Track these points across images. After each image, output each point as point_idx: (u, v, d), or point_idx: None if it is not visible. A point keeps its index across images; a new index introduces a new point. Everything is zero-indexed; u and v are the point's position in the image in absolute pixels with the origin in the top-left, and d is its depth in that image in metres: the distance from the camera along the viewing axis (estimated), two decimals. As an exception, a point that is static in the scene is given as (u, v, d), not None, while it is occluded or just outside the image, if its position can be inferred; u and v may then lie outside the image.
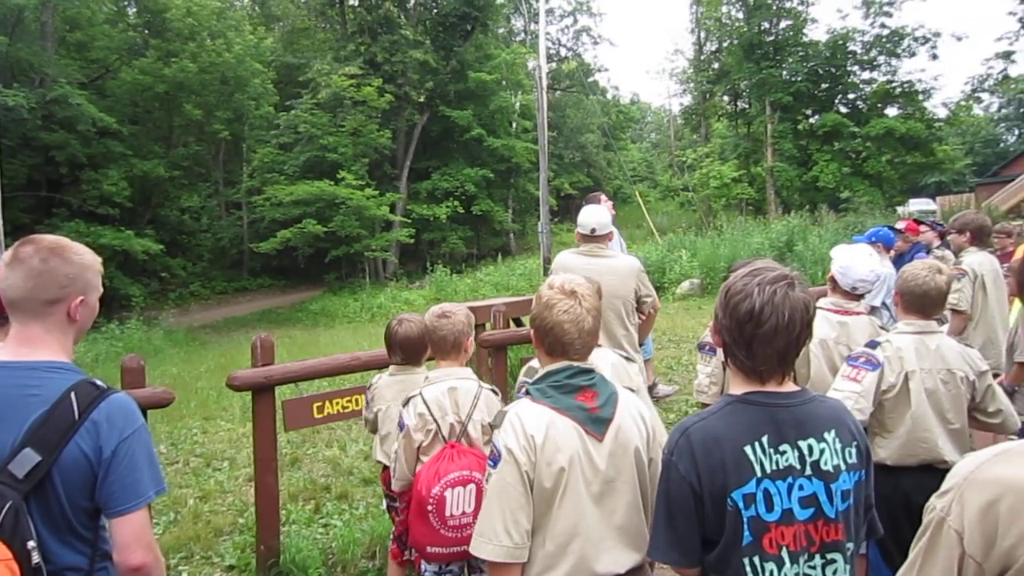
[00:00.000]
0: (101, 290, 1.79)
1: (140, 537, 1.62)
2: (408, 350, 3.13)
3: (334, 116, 28.04)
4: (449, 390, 2.64)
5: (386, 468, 3.17)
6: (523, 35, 41.30)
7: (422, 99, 31.38)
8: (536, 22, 27.16)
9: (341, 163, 27.22)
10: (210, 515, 4.87)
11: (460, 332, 2.72)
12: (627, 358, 2.79)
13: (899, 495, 2.60)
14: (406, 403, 2.70)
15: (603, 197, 6.62)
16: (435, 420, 2.61)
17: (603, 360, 2.61)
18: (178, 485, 5.53)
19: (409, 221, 29.32)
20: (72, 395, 1.60)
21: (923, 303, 2.77)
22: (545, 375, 1.87)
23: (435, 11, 33.29)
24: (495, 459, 1.79)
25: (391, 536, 3.28)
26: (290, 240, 26.27)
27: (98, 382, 1.67)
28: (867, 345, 2.86)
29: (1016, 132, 57.65)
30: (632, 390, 2.17)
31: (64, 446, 1.56)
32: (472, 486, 2.47)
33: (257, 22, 33.09)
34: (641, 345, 4.47)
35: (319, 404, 4.01)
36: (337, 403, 4.05)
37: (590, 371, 1.86)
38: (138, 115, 26.51)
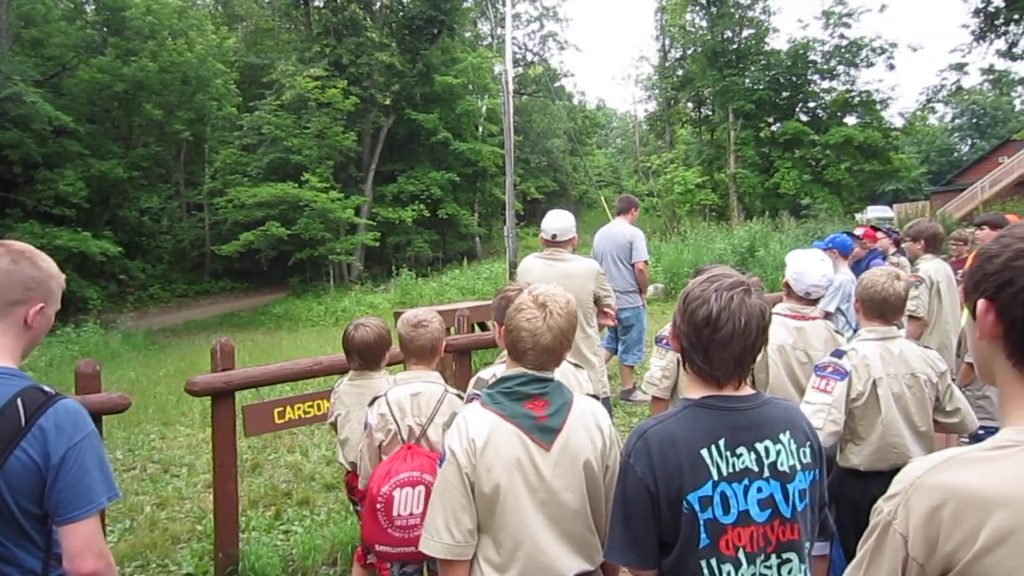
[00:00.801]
0: (59, 306, 1.78)
1: (91, 544, 1.59)
2: (365, 355, 3.11)
3: (298, 118, 27.72)
4: (413, 393, 2.68)
5: (349, 472, 3.17)
6: (490, 39, 41.34)
7: (388, 102, 31.20)
8: (503, 27, 27.28)
9: (306, 165, 26.91)
10: (167, 522, 4.78)
11: (437, 339, 2.78)
12: (576, 365, 2.81)
13: (868, 499, 2.65)
14: (372, 403, 2.74)
15: (633, 203, 6.86)
16: (395, 421, 2.64)
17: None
18: (135, 492, 5.41)
19: (374, 224, 29.11)
20: (19, 401, 1.57)
21: (883, 309, 2.82)
22: (499, 381, 1.89)
23: (401, 14, 33.17)
24: (441, 459, 1.84)
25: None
26: (253, 242, 25.88)
27: (46, 388, 1.64)
28: (832, 354, 2.88)
29: (969, 142, 59.59)
30: (597, 397, 2.19)
31: (10, 453, 1.53)
32: (421, 488, 2.50)
33: (220, 22, 32.54)
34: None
35: (280, 409, 3.97)
36: (299, 408, 4.02)
37: (545, 380, 1.86)
38: (96, 114, 25.84)
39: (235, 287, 30.44)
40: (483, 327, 8.15)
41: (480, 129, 35.33)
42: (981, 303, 1.02)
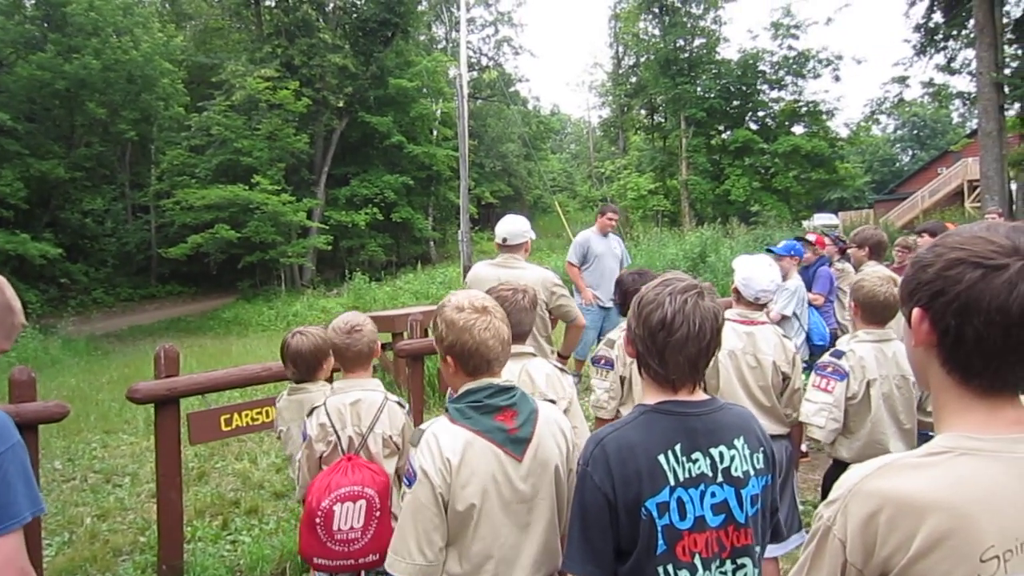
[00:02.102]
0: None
1: (12, 561, 1.52)
2: (300, 365, 3.02)
3: (249, 119, 27.15)
4: (353, 402, 2.61)
5: None
6: (444, 43, 41.27)
7: (341, 104, 30.83)
8: (457, 30, 27.26)
9: (256, 167, 26.36)
10: (108, 534, 4.63)
11: (372, 342, 2.70)
12: (562, 369, 2.81)
13: None
14: (311, 413, 2.66)
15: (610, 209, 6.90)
16: (335, 431, 2.58)
17: (538, 371, 2.61)
18: (74, 503, 5.23)
19: (327, 227, 28.69)
20: None
21: (882, 313, 2.97)
22: (465, 394, 1.86)
23: (355, 15, 32.83)
24: (410, 479, 1.78)
25: None
26: (201, 246, 25.26)
27: None
28: (832, 354, 3.00)
29: (910, 153, 61.89)
30: (553, 401, 2.20)
31: None
32: (363, 502, 2.45)
33: (167, 20, 31.66)
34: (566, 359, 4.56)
35: (227, 416, 3.89)
36: (246, 415, 3.94)
37: (510, 389, 1.86)
38: (35, 112, 24.89)
39: (183, 291, 29.65)
40: (437, 331, 8.11)
41: (435, 133, 35.20)
42: (916, 312, 1.03)
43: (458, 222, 19.56)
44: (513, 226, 4.20)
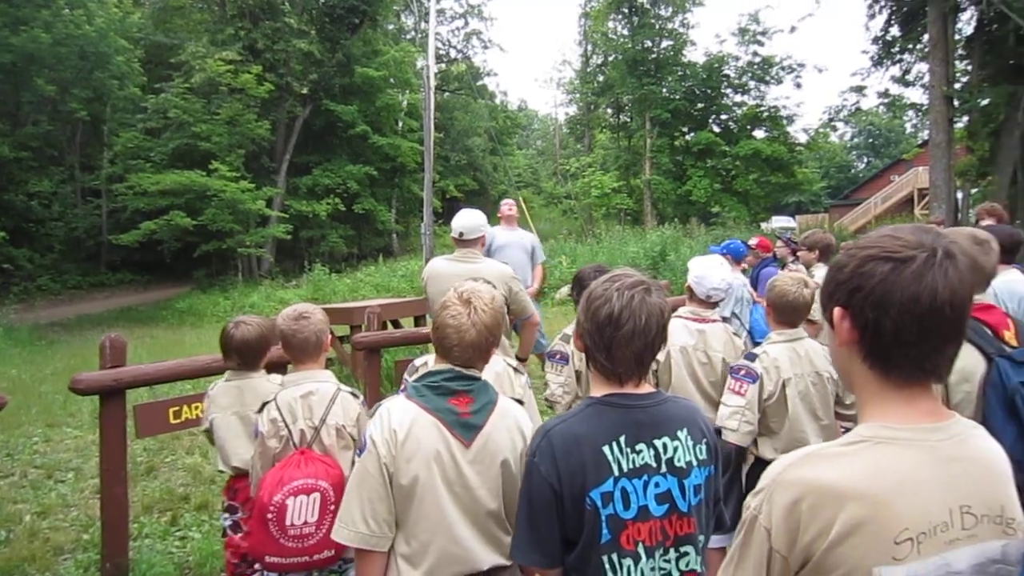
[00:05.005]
0: None
1: None
2: (245, 354, 2.98)
3: (208, 103, 26.45)
4: (304, 395, 2.56)
5: (233, 477, 3.03)
6: (413, 33, 40.84)
7: (305, 91, 30.29)
8: (426, 21, 27.01)
9: (215, 153, 25.70)
10: (49, 532, 4.46)
11: (321, 331, 2.64)
12: (516, 369, 2.77)
13: None
14: (261, 409, 2.60)
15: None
16: (287, 426, 2.52)
17: (488, 367, 2.60)
18: (12, 500, 5.03)
19: (287, 217, 28.11)
20: None
21: (792, 314, 3.03)
22: (426, 375, 1.92)
23: (322, 1, 32.26)
24: (362, 448, 1.85)
25: (233, 554, 3.11)
26: (155, 233, 24.54)
27: None
28: (745, 357, 3.07)
29: (865, 160, 63.56)
30: (520, 401, 2.17)
31: None
32: (316, 495, 2.40)
33: (124, -5, 30.71)
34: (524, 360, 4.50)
35: (176, 409, 3.76)
36: (196, 407, 3.82)
37: (472, 378, 1.90)
38: (-21, 87, 23.93)
39: (134, 280, 28.77)
40: (396, 324, 8.03)
41: (400, 124, 34.83)
42: (836, 311, 1.09)
43: (422, 215, 19.41)
44: (470, 220, 4.15)
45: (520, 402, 2.14)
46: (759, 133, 31.83)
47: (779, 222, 31.43)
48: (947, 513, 1.01)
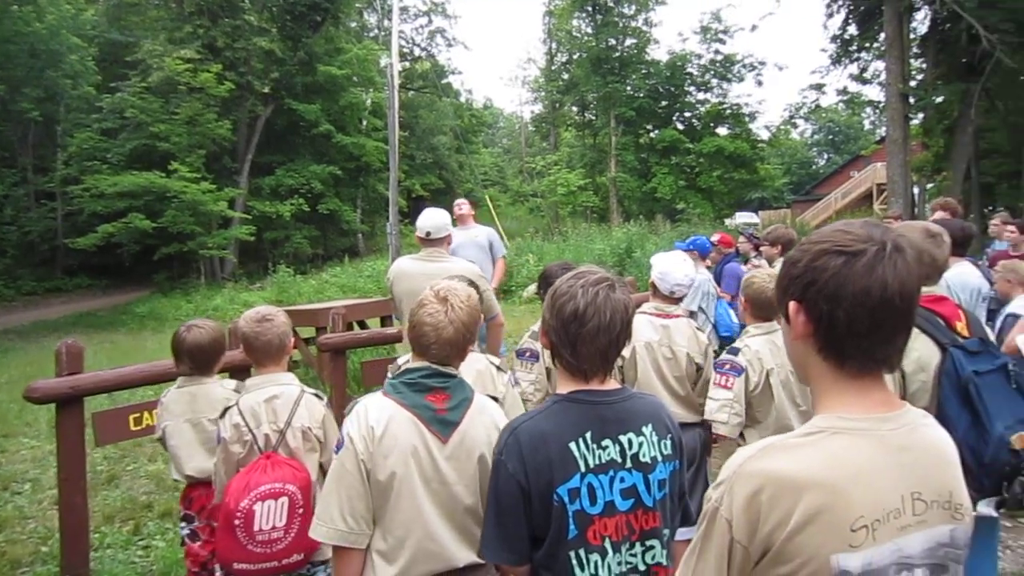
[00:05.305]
0: None
1: None
2: (198, 358, 2.92)
3: (167, 102, 25.87)
4: (267, 399, 2.53)
5: (188, 486, 2.99)
6: (376, 31, 40.48)
7: (267, 90, 29.81)
8: (390, 19, 26.78)
9: (174, 153, 25.15)
10: (6, 545, 4.35)
11: (284, 334, 2.61)
12: (499, 368, 2.76)
13: None
14: (223, 414, 2.56)
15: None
16: (250, 431, 2.48)
17: (469, 367, 2.60)
18: (-35, 512, 4.86)
19: (250, 218, 27.63)
20: None
21: (769, 309, 3.08)
22: (403, 372, 1.93)
23: (283, -2, 31.80)
24: (339, 446, 1.85)
25: (192, 562, 3.05)
26: (113, 236, 23.96)
27: None
28: (728, 351, 3.11)
29: (825, 156, 64.85)
30: (495, 398, 2.18)
31: None
32: (284, 499, 2.38)
33: (77, -9, 29.87)
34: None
35: (136, 415, 3.69)
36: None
37: (448, 375, 1.92)
38: (-77, 86, 23.10)
39: (92, 284, 28.07)
40: (362, 325, 7.96)
41: (364, 123, 34.50)
42: (792, 305, 1.11)
43: (387, 215, 19.23)
44: (437, 219, 4.16)
45: (495, 398, 2.15)
46: (722, 130, 32.30)
47: (743, 218, 31.90)
48: (899, 500, 1.04)
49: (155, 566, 3.95)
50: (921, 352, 2.31)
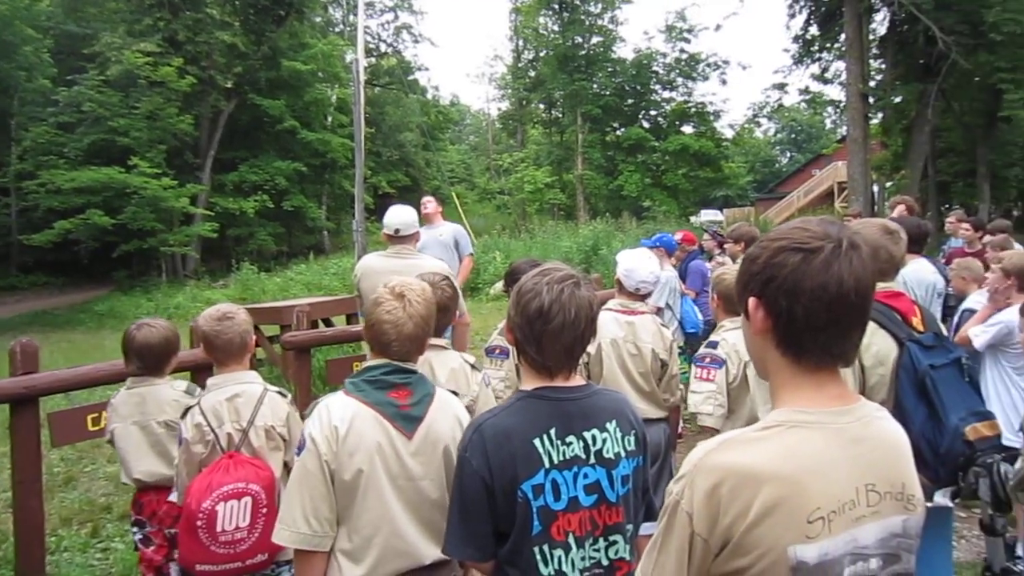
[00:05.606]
0: None
1: None
2: (147, 358, 2.86)
3: (126, 96, 25.27)
4: (230, 397, 2.49)
5: (138, 491, 2.94)
6: (341, 27, 40.11)
7: (230, 85, 29.31)
8: (355, 14, 26.54)
9: (134, 148, 24.60)
10: (-45, 551, 4.19)
11: (245, 332, 2.57)
12: (474, 366, 2.75)
13: None
14: (184, 414, 2.52)
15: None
16: (212, 431, 2.44)
17: (442, 364, 2.60)
18: (-87, 518, 4.69)
19: (213, 215, 27.14)
20: None
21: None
22: (364, 369, 1.93)
23: (246, -9, 31.28)
24: (300, 447, 1.83)
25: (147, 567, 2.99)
26: (71, 232, 23.38)
27: None
28: (707, 345, 3.13)
29: (788, 155, 65.99)
30: (456, 393, 2.17)
31: None
32: (248, 499, 2.35)
33: (30, -19, 28.97)
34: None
35: (95, 415, 3.60)
36: (118, 414, 3.65)
37: (409, 371, 1.92)
38: None
39: (49, 282, 27.30)
40: (327, 323, 7.88)
41: (330, 119, 34.15)
42: (751, 301, 1.13)
43: (353, 212, 19.06)
44: (405, 216, 4.15)
45: (456, 393, 2.15)
46: (687, 129, 32.70)
47: (707, 215, 32.30)
48: (854, 491, 1.06)
49: (114, 568, 3.88)
50: (880, 346, 2.36)
